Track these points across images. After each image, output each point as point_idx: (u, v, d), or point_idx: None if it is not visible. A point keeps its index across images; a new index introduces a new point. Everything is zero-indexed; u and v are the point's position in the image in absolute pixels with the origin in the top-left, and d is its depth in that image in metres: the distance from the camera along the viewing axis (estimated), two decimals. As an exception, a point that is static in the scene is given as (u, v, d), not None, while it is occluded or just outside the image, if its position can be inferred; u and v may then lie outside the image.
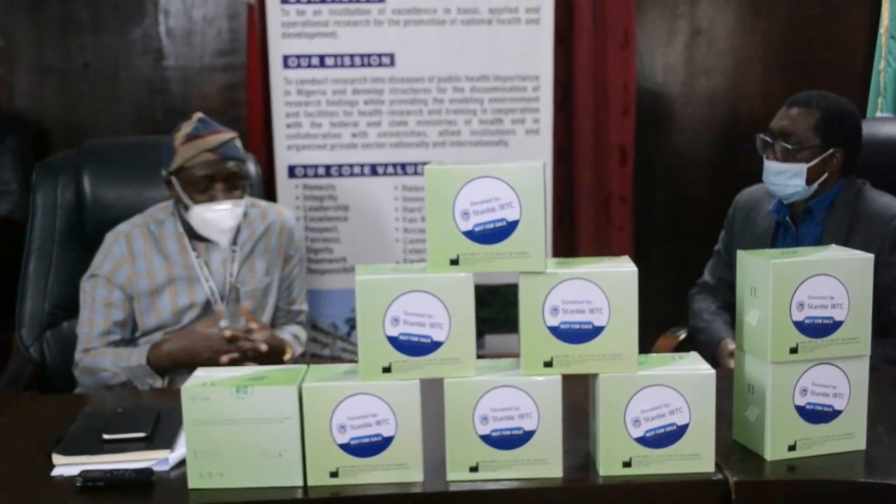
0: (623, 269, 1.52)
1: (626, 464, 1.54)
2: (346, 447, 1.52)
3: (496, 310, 3.17)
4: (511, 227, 1.50)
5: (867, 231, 2.31)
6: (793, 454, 1.59)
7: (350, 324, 3.22)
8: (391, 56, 3.13)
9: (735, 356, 1.67)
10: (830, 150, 2.34)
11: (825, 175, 2.36)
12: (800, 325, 1.56)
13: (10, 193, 3.44)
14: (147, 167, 2.54)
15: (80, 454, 1.61)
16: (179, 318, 2.32)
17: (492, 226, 1.50)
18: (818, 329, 1.57)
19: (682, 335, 2.70)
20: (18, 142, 3.47)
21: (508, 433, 1.52)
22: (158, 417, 1.73)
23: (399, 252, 3.23)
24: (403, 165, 3.19)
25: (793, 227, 2.42)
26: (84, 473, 1.53)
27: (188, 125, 2.30)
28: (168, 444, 1.63)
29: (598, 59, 3.33)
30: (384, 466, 1.52)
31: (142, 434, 1.66)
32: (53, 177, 2.58)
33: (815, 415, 1.60)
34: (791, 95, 2.43)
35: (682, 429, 1.53)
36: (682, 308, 2.66)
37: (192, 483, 1.52)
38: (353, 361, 1.56)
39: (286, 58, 3.11)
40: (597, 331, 1.52)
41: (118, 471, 1.54)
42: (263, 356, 2.23)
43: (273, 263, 2.45)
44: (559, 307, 1.51)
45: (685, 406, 1.53)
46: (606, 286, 1.51)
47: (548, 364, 1.52)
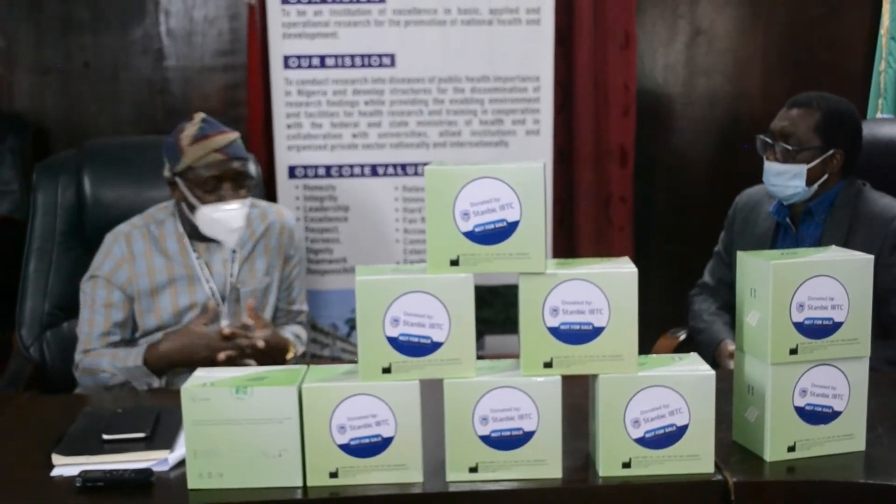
0: (623, 270, 1.53)
1: (626, 464, 1.54)
2: (346, 448, 1.52)
3: (496, 310, 3.17)
4: (511, 228, 1.50)
5: (867, 232, 2.31)
6: (792, 455, 1.59)
7: (350, 324, 3.22)
8: (392, 56, 3.13)
9: (735, 357, 1.67)
10: (831, 151, 2.34)
11: (825, 176, 2.36)
12: (799, 326, 1.56)
13: (11, 193, 3.44)
14: (147, 167, 2.54)
15: (80, 454, 1.61)
16: (180, 319, 2.32)
17: (492, 226, 1.50)
18: (818, 330, 1.57)
19: (682, 336, 2.70)
20: (18, 142, 3.47)
21: (508, 434, 1.52)
22: (158, 418, 1.73)
23: (399, 253, 3.23)
24: (404, 166, 3.19)
25: (793, 228, 2.42)
26: (84, 474, 1.53)
27: (192, 126, 2.28)
28: (168, 445, 1.63)
29: (599, 60, 3.33)
30: (384, 467, 1.52)
31: (141, 434, 1.66)
32: (54, 177, 2.58)
33: (815, 416, 1.60)
34: (791, 96, 2.43)
35: (682, 430, 1.54)
36: (682, 309, 2.66)
37: (192, 483, 1.52)
38: (353, 362, 1.56)
39: (287, 58, 3.11)
40: (597, 331, 1.52)
41: (118, 471, 1.54)
42: (266, 355, 2.22)
43: (273, 263, 2.45)
44: (559, 308, 1.51)
45: (685, 407, 1.53)
46: (606, 287, 1.51)
47: (547, 365, 1.52)
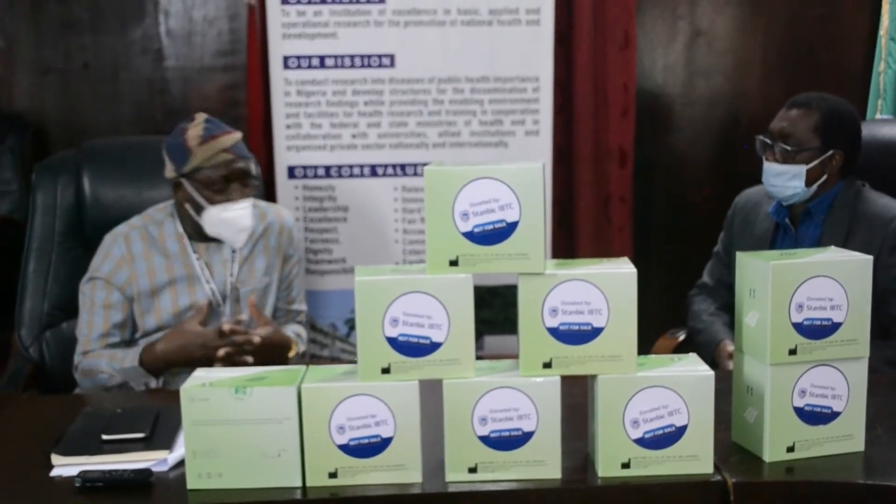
0: (622, 271, 1.53)
1: (625, 465, 1.54)
2: (345, 448, 1.52)
3: (495, 311, 3.17)
4: (510, 229, 1.50)
5: (866, 233, 2.31)
6: (791, 455, 1.59)
7: (349, 325, 3.22)
8: (391, 57, 3.13)
9: (734, 357, 1.67)
10: (830, 152, 2.35)
11: (825, 177, 2.36)
12: (799, 327, 1.56)
13: (10, 193, 3.45)
14: (147, 167, 2.54)
15: (79, 454, 1.61)
16: (180, 319, 2.31)
17: (491, 227, 1.50)
18: (817, 331, 1.57)
19: (682, 336, 2.70)
20: (18, 142, 3.47)
21: (507, 434, 1.52)
22: (157, 418, 1.73)
23: (398, 253, 3.23)
24: (403, 166, 3.19)
25: (792, 229, 2.42)
26: (83, 474, 1.53)
27: (196, 126, 2.27)
28: (167, 445, 1.63)
29: (598, 60, 3.33)
30: (383, 467, 1.52)
31: (141, 434, 1.66)
32: (53, 177, 2.58)
33: (814, 416, 1.60)
34: (791, 97, 2.43)
35: (681, 430, 1.54)
36: (682, 309, 2.66)
37: (191, 483, 1.52)
38: (353, 362, 1.56)
39: (286, 58, 3.11)
40: (596, 332, 1.52)
41: (117, 471, 1.54)
42: (269, 352, 2.22)
43: (272, 263, 2.45)
44: (558, 308, 1.51)
45: (684, 407, 1.53)
46: (606, 287, 1.51)
47: (547, 365, 1.52)
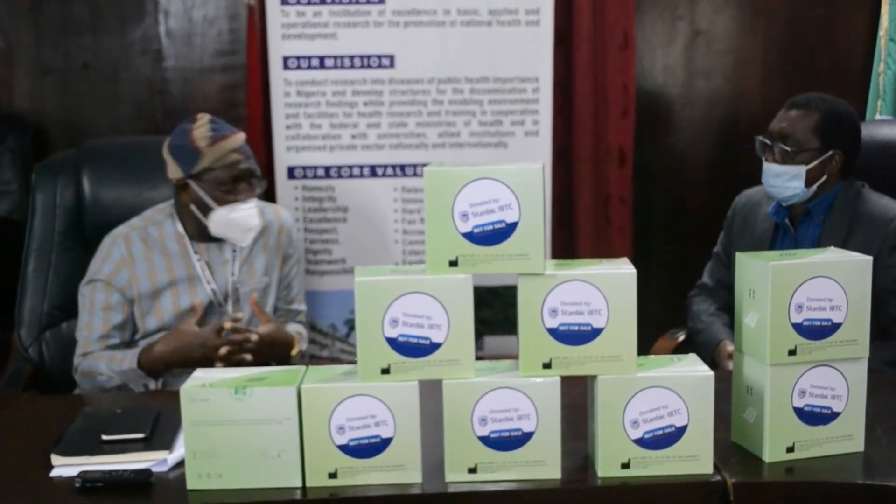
0: (622, 271, 1.53)
1: (625, 465, 1.54)
2: (345, 448, 1.52)
3: (495, 311, 3.17)
4: (510, 229, 1.50)
5: (866, 233, 2.31)
6: (791, 456, 1.59)
7: (349, 325, 3.21)
8: (391, 57, 3.13)
9: (734, 358, 1.67)
10: (829, 153, 2.35)
11: (824, 177, 2.36)
12: (798, 327, 1.56)
13: (10, 193, 3.44)
14: (147, 168, 2.54)
15: (79, 455, 1.61)
16: (181, 320, 2.31)
17: (491, 227, 1.50)
18: (817, 331, 1.57)
19: (681, 337, 2.70)
20: (18, 142, 3.47)
21: (507, 434, 1.52)
22: (157, 418, 1.73)
23: (398, 253, 3.23)
24: (403, 167, 3.19)
25: (792, 229, 2.42)
26: (83, 474, 1.53)
27: (201, 127, 2.27)
28: (167, 445, 1.63)
29: (598, 61, 3.32)
30: (383, 468, 1.52)
31: (141, 435, 1.66)
32: (53, 177, 2.58)
33: (814, 417, 1.60)
34: (790, 97, 2.43)
35: (681, 430, 1.54)
36: (682, 310, 2.66)
37: (191, 484, 1.52)
38: (352, 363, 1.56)
39: (286, 59, 3.11)
40: (595, 332, 1.52)
41: (117, 471, 1.54)
42: (271, 350, 2.22)
43: (272, 263, 2.45)
44: (558, 309, 1.51)
45: (684, 408, 1.53)
46: (605, 288, 1.51)
47: (546, 365, 1.52)
